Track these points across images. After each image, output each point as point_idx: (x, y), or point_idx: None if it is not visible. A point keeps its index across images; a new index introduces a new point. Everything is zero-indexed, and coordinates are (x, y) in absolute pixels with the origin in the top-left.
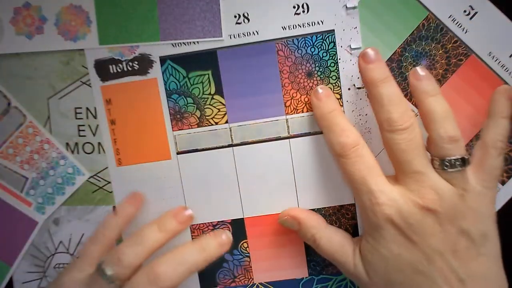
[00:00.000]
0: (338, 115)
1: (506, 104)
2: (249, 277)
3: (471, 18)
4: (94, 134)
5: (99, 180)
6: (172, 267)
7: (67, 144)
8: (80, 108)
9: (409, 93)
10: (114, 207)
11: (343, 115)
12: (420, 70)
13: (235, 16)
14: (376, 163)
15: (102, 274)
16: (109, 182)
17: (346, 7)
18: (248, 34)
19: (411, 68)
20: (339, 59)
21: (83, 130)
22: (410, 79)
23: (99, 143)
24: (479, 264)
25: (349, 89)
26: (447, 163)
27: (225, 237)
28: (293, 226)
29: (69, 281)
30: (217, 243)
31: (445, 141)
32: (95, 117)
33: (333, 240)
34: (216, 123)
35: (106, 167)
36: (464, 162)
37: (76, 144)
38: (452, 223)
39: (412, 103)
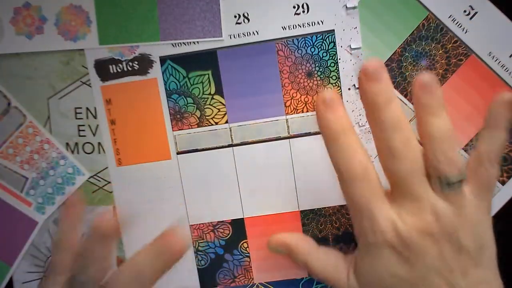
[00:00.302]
0: (351, 135)
1: (505, 115)
2: (249, 277)
3: (471, 18)
4: (94, 134)
5: (99, 180)
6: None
7: (67, 144)
8: (80, 108)
9: (409, 93)
10: (114, 207)
11: (355, 132)
12: (427, 79)
13: (235, 16)
14: (381, 186)
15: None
16: (109, 182)
17: (346, 7)
18: (248, 34)
19: (411, 68)
20: (339, 59)
21: (83, 130)
22: (415, 90)
23: (99, 143)
24: (477, 274)
25: (349, 89)
26: (446, 185)
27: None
28: (283, 252)
29: None
30: (173, 250)
31: (442, 164)
32: (95, 117)
33: (326, 263)
34: (216, 123)
35: (106, 167)
36: (461, 183)
37: (76, 144)
38: (450, 241)
39: (412, 103)
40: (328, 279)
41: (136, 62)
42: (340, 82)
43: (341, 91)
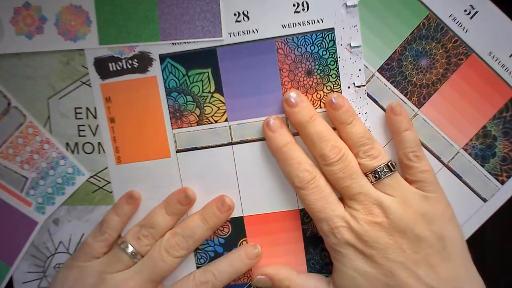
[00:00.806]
0: (293, 147)
1: (398, 119)
2: (249, 276)
3: (471, 18)
4: (94, 134)
5: (99, 180)
6: (183, 239)
7: (67, 144)
8: (80, 108)
9: (409, 92)
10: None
11: (297, 147)
12: (334, 98)
13: (235, 14)
14: (331, 191)
15: (124, 251)
16: (109, 182)
17: (346, 5)
18: (248, 32)
19: (411, 67)
20: (339, 57)
21: (83, 130)
22: (327, 110)
23: (99, 143)
24: (445, 267)
25: (348, 87)
26: (376, 175)
27: (228, 202)
28: (266, 284)
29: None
30: (217, 215)
31: (367, 160)
32: (95, 117)
33: (307, 285)
34: (216, 121)
35: (106, 167)
36: (390, 168)
37: (76, 144)
38: (403, 232)
39: (412, 102)
40: None
41: (135, 60)
42: (339, 80)
43: (340, 89)
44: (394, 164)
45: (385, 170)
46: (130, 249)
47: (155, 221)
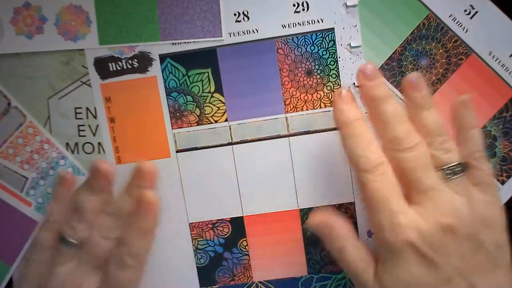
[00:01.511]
0: (364, 125)
1: (469, 114)
2: (249, 276)
3: (471, 18)
4: (94, 134)
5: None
6: (112, 218)
7: (67, 144)
8: (80, 108)
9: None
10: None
11: (368, 126)
12: (415, 78)
13: (235, 14)
14: (398, 183)
15: (64, 242)
16: None
17: (346, 5)
18: (248, 32)
19: (411, 67)
20: (339, 57)
21: (83, 130)
22: (405, 90)
23: (99, 143)
24: (497, 276)
25: (348, 87)
26: (449, 172)
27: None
28: (323, 232)
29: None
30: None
31: (442, 152)
32: (95, 117)
33: (359, 255)
34: (216, 121)
35: None
36: (464, 167)
37: (76, 144)
38: (470, 236)
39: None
40: (355, 272)
41: (135, 60)
42: (339, 80)
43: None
44: (467, 163)
45: (459, 168)
46: (69, 239)
47: (80, 204)
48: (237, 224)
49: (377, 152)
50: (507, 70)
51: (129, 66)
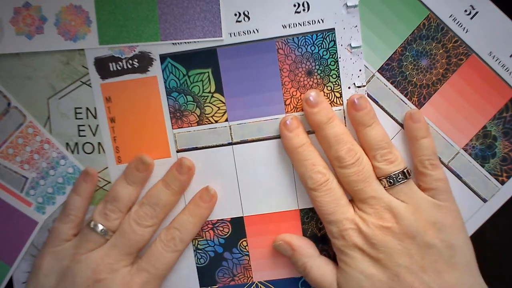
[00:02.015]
0: (308, 148)
1: (416, 126)
2: (249, 276)
3: (471, 18)
4: (94, 134)
5: (99, 180)
6: (150, 208)
7: (67, 144)
8: (80, 108)
9: (409, 92)
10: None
11: (313, 148)
12: (357, 98)
13: (236, 15)
14: (343, 194)
15: (93, 230)
16: (109, 182)
17: (347, 5)
18: (249, 32)
19: (411, 67)
20: (339, 57)
21: (83, 130)
22: (348, 110)
23: (99, 143)
24: (452, 275)
25: (349, 87)
26: (391, 180)
27: (186, 163)
28: (286, 252)
29: (44, 267)
30: (177, 178)
31: (384, 163)
32: (95, 117)
33: (323, 270)
34: (216, 121)
35: (106, 167)
36: (405, 175)
37: (76, 144)
38: (413, 238)
39: (412, 103)
40: (321, 286)
41: (136, 60)
42: (340, 80)
43: (341, 89)
44: (409, 171)
45: (400, 176)
46: (100, 227)
47: (117, 193)
48: (237, 224)
49: (321, 171)
50: (507, 70)
51: (130, 66)
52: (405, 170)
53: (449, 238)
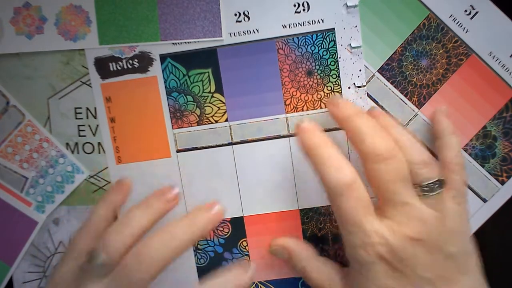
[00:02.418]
0: (333, 147)
1: (448, 122)
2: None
3: (472, 18)
4: (94, 134)
5: (99, 180)
6: (161, 245)
7: (67, 144)
8: (80, 108)
9: (409, 92)
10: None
11: (334, 146)
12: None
13: (236, 14)
14: (370, 200)
15: (92, 262)
16: (109, 182)
17: (347, 5)
18: (249, 32)
19: (411, 68)
20: (339, 57)
21: (83, 130)
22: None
23: (99, 143)
24: (465, 281)
25: (349, 87)
26: (426, 188)
27: (217, 209)
28: (283, 256)
29: (61, 276)
30: (206, 217)
31: (420, 166)
32: (95, 117)
33: (322, 273)
34: (216, 121)
35: (106, 167)
36: (441, 183)
37: (76, 144)
38: (440, 250)
39: (412, 103)
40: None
41: (136, 60)
42: (340, 80)
43: (341, 89)
44: (443, 180)
45: (436, 186)
46: (98, 261)
47: (129, 218)
48: (237, 224)
49: (349, 173)
50: (507, 70)
51: (130, 66)
52: (442, 179)
53: (465, 245)
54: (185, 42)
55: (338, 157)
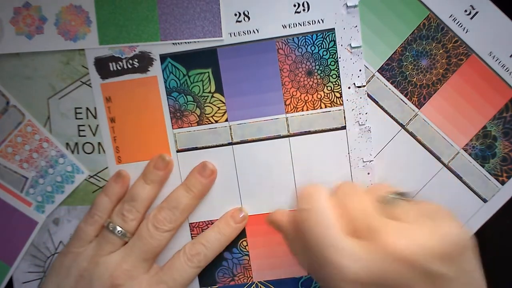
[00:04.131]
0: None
1: None
2: (248, 276)
3: (471, 18)
4: (94, 134)
5: (99, 180)
6: (169, 212)
7: (67, 144)
8: (80, 108)
9: (409, 92)
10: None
11: None
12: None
13: (236, 15)
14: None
15: (112, 232)
16: None
17: (347, 5)
18: (249, 32)
19: (411, 68)
20: (339, 57)
21: (83, 130)
22: None
23: (99, 143)
24: None
25: (349, 87)
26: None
27: (209, 166)
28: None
29: (73, 254)
30: (200, 181)
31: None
32: (95, 117)
33: None
34: (216, 121)
35: (106, 167)
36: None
37: (76, 144)
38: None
39: (412, 103)
40: None
41: (136, 60)
42: (340, 80)
43: (341, 89)
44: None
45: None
46: (118, 228)
47: (135, 192)
48: None
49: None
50: (507, 70)
51: (130, 66)
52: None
53: (465, 265)
54: (185, 42)
55: None
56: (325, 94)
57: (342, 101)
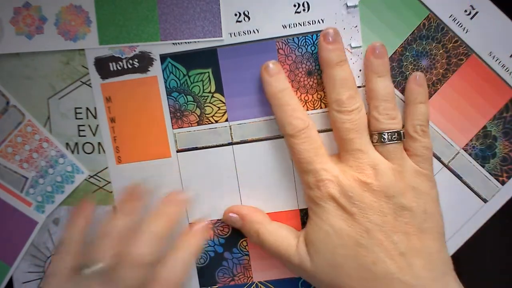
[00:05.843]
0: (289, 94)
1: (418, 90)
2: (249, 276)
3: (471, 18)
4: (94, 134)
5: (99, 180)
6: (145, 242)
7: (67, 144)
8: (80, 108)
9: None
10: (114, 207)
11: (293, 94)
12: (378, 46)
13: (236, 15)
14: (322, 144)
15: (86, 270)
16: (109, 182)
17: (347, 5)
18: (249, 32)
19: (411, 68)
20: None
21: (83, 130)
22: (367, 55)
23: (99, 143)
24: (420, 239)
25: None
26: (384, 137)
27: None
28: (236, 223)
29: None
30: (173, 209)
31: (384, 117)
32: (95, 117)
33: (277, 234)
34: (216, 121)
35: (106, 167)
36: (400, 136)
37: (76, 144)
38: (390, 198)
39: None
40: (279, 251)
41: (136, 60)
42: None
43: None
44: (403, 133)
45: (395, 135)
46: (95, 266)
47: (109, 228)
48: None
49: (301, 118)
50: (507, 70)
51: (130, 66)
52: (401, 131)
53: (424, 204)
54: (185, 42)
55: (296, 105)
56: (325, 94)
57: None
